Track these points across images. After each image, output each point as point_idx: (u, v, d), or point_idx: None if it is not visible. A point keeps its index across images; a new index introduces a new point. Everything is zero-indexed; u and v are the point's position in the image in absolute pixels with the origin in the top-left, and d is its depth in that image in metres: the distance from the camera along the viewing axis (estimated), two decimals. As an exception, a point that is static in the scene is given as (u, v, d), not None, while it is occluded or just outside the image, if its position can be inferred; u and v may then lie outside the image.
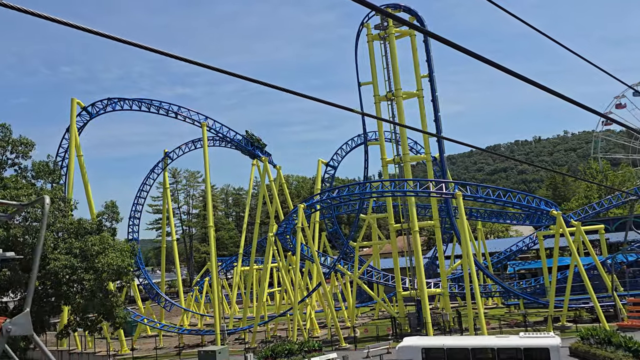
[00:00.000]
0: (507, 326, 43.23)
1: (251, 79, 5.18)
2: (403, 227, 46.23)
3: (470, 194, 39.61)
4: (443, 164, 46.72)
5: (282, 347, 36.31)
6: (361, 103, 49.67)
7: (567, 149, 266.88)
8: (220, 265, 71.99)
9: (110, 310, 29.27)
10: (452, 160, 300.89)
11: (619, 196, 55.70)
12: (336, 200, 43.03)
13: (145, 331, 57.82)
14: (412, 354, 27.52)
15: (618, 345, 30.68)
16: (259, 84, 5.34)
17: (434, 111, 47.14)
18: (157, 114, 50.72)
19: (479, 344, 27.48)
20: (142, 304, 61.18)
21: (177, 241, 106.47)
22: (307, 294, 46.62)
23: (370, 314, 58.90)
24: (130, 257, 29.50)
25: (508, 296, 48.88)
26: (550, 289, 44.18)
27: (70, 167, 48.01)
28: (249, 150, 54.40)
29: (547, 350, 25.58)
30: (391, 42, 47.73)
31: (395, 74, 47.21)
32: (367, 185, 42.43)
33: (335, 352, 37.63)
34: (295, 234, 45.44)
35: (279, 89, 5.37)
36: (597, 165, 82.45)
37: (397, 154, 46.90)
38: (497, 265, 58.54)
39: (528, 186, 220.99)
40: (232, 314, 58.60)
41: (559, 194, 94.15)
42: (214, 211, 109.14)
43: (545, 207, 39.74)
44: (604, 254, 50.98)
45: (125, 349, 48.37)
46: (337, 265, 47.70)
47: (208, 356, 38.74)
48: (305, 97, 5.67)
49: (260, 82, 5.28)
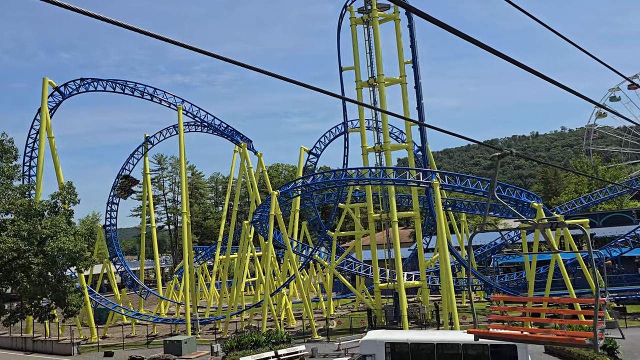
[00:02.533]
0: (485, 320, 41.97)
1: (245, 64, 5.04)
2: (382, 217, 44.86)
3: (448, 184, 38.18)
4: (425, 152, 45.30)
5: (249, 338, 35.06)
6: (342, 88, 48.22)
7: (564, 145, 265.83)
8: (201, 253, 70.69)
9: (63, 297, 27.85)
10: (449, 154, 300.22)
11: (607, 191, 54.36)
12: (311, 188, 41.57)
13: (121, 319, 56.60)
14: (375, 348, 26.23)
15: (593, 342, 29.49)
16: (252, 69, 5.16)
17: (417, 98, 45.68)
18: (132, 95, 49.12)
19: (445, 339, 26.17)
20: (119, 292, 59.86)
21: (162, 229, 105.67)
22: (281, 285, 45.31)
23: (351, 306, 57.68)
24: (84, 242, 28.01)
25: (490, 290, 47.68)
26: (536, 283, 43.01)
27: (41, 148, 46.41)
28: (229, 135, 52.89)
29: (515, 347, 24.29)
30: (374, 26, 46.13)
31: (378, 59, 45.67)
32: (343, 172, 40.97)
33: (304, 345, 36.39)
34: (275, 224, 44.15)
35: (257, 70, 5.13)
36: (587, 160, 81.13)
37: (378, 142, 45.44)
38: (482, 259, 57.26)
39: (524, 181, 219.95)
40: (209, 303, 57.37)
41: (550, 188, 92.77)
42: (202, 199, 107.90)
43: (525, 199, 38.34)
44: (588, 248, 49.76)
45: (95, 337, 47.12)
46: (315, 256, 46.37)
47: (174, 346, 37.53)
48: (279, 77, 5.31)
49: (252, 67, 5.12)
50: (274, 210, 39.94)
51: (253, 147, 55.31)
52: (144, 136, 60.81)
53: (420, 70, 46.07)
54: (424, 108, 45.40)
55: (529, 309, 15.16)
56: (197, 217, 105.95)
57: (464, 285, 50.55)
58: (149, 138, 60.38)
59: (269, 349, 34.43)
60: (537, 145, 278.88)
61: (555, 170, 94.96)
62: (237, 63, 4.95)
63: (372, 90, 46.45)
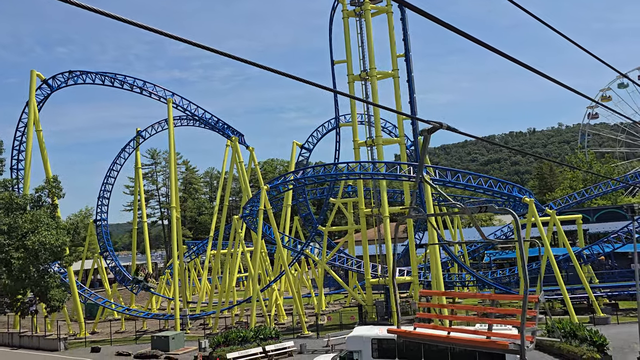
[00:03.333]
0: (476, 316, 41.66)
1: (242, 59, 4.93)
2: (374, 212, 44.43)
3: (439, 178, 37.75)
4: (417, 147, 44.79)
5: (236, 334, 34.68)
6: (334, 82, 47.70)
7: (561, 141, 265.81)
8: (193, 248, 70.26)
9: (45, 292, 27.37)
10: (447, 150, 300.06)
11: (601, 186, 54.02)
12: (301, 182, 41.10)
13: (112, 315, 56.18)
14: (362, 344, 25.88)
15: (583, 339, 29.23)
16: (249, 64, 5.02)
17: (409, 92, 45.15)
18: (122, 88, 48.53)
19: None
20: (110, 287, 59.40)
21: (155, 224, 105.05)
22: (272, 281, 44.91)
23: (343, 301, 57.35)
24: (66, 236, 27.49)
25: (482, 286, 47.38)
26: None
27: (29, 142, 45.82)
28: (220, 129, 52.35)
29: (502, 343, 23.91)
30: (367, 19, 45.58)
31: (370, 53, 45.12)
32: (333, 166, 40.52)
33: (292, 341, 36.04)
34: (265, 218, 43.71)
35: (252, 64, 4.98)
36: (583, 155, 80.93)
37: (370, 136, 44.97)
38: (475, 255, 56.95)
39: (521, 177, 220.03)
40: (201, 298, 56.96)
41: (545, 184, 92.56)
42: (196, 195, 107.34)
43: (517, 194, 37.95)
44: (581, 244, 49.45)
45: (84, 333, 46.68)
46: (306, 251, 45.96)
47: (161, 342, 37.14)
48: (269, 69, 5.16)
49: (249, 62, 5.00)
50: (264, 204, 39.47)
51: (245, 141, 54.77)
52: (135, 130, 60.39)
53: (412, 64, 45.53)
54: (416, 102, 44.89)
55: (453, 305, 13.74)
56: (191, 212, 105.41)
57: (456, 281, 50.29)
58: (141, 132, 59.85)
59: (257, 345, 34.08)
60: (534, 142, 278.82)
61: (550, 166, 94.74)
62: (234, 57, 4.88)
63: (364, 84, 45.91)
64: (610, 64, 9.29)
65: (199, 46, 4.61)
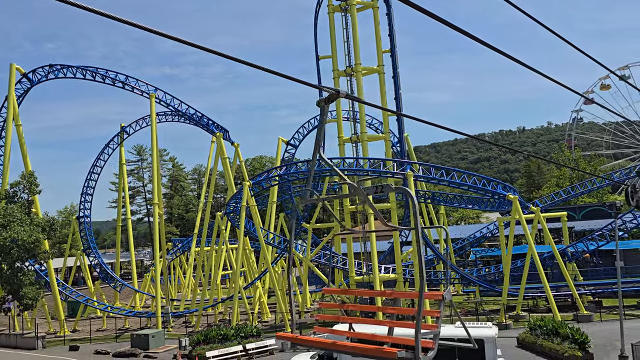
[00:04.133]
0: (460, 314, 41.46)
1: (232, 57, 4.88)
2: (358, 209, 44.04)
3: (423, 175, 37.44)
4: (402, 143, 44.48)
5: (216, 332, 34.17)
6: (319, 77, 47.22)
7: (550, 140, 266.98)
8: (178, 245, 69.60)
9: (17, 289, 26.71)
10: (437, 148, 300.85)
11: (587, 184, 54.04)
12: (284, 178, 40.63)
13: (95, 313, 55.46)
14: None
15: (565, 336, 29.04)
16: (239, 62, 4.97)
17: (395, 88, 44.83)
18: (103, 83, 47.78)
19: (412, 333, 25.40)
20: (93, 285, 58.63)
21: (141, 221, 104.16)
22: (255, 279, 44.44)
23: (327, 299, 56.96)
24: (40, 233, 26.83)
25: (468, 283, 47.24)
26: (514, 276, 42.54)
27: (8, 137, 44.92)
28: (204, 125, 51.72)
29: (482, 341, 23.59)
30: (352, 14, 45.11)
31: (356, 48, 44.69)
32: (316, 163, 40.02)
33: (274, 339, 35.57)
34: (248, 215, 43.22)
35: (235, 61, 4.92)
36: (569, 153, 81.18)
37: (355, 132, 44.55)
38: (460, 252, 56.79)
39: (510, 175, 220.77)
40: (186, 296, 56.38)
41: (533, 182, 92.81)
42: (183, 192, 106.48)
43: (501, 191, 37.73)
44: (566, 242, 49.41)
45: (65, 331, 45.97)
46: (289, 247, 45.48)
47: (141, 340, 36.55)
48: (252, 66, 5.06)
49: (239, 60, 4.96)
50: (246, 201, 38.97)
51: (230, 137, 54.18)
52: (119, 126, 59.62)
53: (398, 60, 45.18)
54: (401, 98, 44.56)
55: (352, 306, 11.95)
56: (179, 210, 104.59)
57: (441, 279, 50.06)
58: (125, 128, 59.11)
59: (237, 343, 33.61)
60: (524, 140, 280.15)
61: (538, 164, 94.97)
62: (223, 55, 4.79)
63: (349, 79, 45.47)
64: (600, 62, 9.32)
65: (187, 43, 4.59)
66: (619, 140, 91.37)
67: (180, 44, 4.58)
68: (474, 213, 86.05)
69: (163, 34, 4.42)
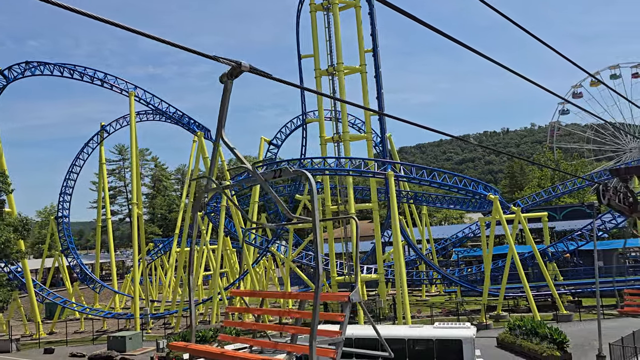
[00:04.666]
0: (441, 314, 41.48)
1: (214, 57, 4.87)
2: (340, 209, 43.82)
3: (404, 175, 37.31)
4: (384, 143, 44.36)
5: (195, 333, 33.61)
6: (301, 77, 47.02)
7: (534, 141, 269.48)
8: (159, 246, 68.78)
9: (-13, 291, 25.99)
10: (422, 149, 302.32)
11: (567, 184, 54.42)
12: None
13: (73, 315, 54.49)
14: (319, 343, 25.17)
15: (544, 336, 29.07)
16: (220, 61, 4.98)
17: (377, 88, 44.74)
18: (81, 80, 46.91)
19: (391, 334, 25.25)
20: (71, 286, 57.62)
21: (122, 221, 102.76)
22: (236, 279, 43.97)
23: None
24: (12, 233, 26.14)
25: (449, 284, 47.27)
26: (495, 276, 42.62)
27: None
28: (184, 123, 51.11)
29: (460, 341, 23.53)
30: (334, 13, 44.89)
31: (338, 48, 44.44)
32: (297, 162, 39.76)
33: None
34: (226, 214, 42.77)
35: None
36: (551, 154, 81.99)
37: (337, 132, 44.31)
38: (443, 252, 56.86)
39: (494, 176, 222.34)
40: (165, 297, 55.69)
41: (516, 182, 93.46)
42: (166, 192, 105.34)
43: (482, 191, 37.75)
44: (546, 242, 49.69)
45: (41, 333, 45.05)
46: (271, 248, 45.13)
47: (117, 342, 35.90)
48: None
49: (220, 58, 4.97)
50: (225, 201, 38.50)
51: (211, 137, 53.55)
52: (99, 125, 58.71)
53: (380, 60, 45.14)
54: (383, 98, 44.52)
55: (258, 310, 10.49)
56: (161, 210, 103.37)
57: (423, 279, 50.07)
58: (105, 127, 58.17)
59: (216, 345, 33.10)
60: (507, 142, 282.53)
61: (521, 165, 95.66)
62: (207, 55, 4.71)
63: (331, 79, 45.22)
64: (579, 65, 9.40)
65: (172, 44, 4.48)
66: (600, 145, 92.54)
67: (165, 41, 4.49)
68: (457, 213, 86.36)
69: (145, 34, 4.30)
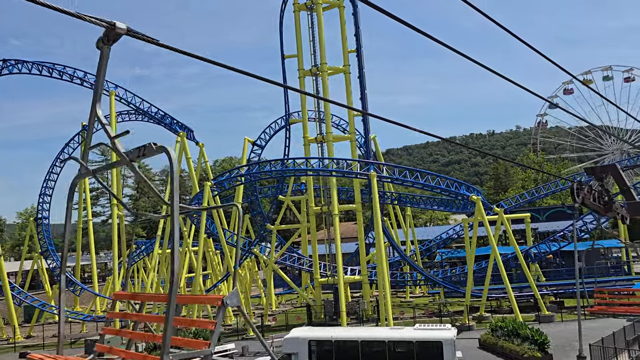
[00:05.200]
0: (424, 316, 41.32)
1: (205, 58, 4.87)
2: (323, 210, 43.53)
3: (386, 175, 37.11)
4: (367, 144, 44.18)
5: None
6: (284, 77, 46.65)
7: (519, 144, 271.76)
8: (141, 248, 67.82)
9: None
10: (409, 151, 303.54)
11: (550, 186, 54.67)
12: (247, 178, 39.81)
13: (53, 318, 53.49)
14: (298, 346, 24.83)
15: (525, 337, 28.97)
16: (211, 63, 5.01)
17: (361, 89, 44.57)
18: (60, 79, 46.12)
19: (370, 336, 24.99)
20: (51, 288, 56.56)
21: (105, 223, 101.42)
22: (218, 281, 43.45)
23: (295, 302, 56.30)
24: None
25: (433, 285, 47.14)
26: (479, 277, 42.54)
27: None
28: (166, 124, 50.48)
29: (440, 343, 23.31)
30: (318, 13, 44.68)
31: (322, 47, 44.23)
32: (279, 162, 39.40)
33: (234, 343, 34.72)
34: (209, 215, 42.27)
35: None
36: (534, 156, 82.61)
37: (320, 132, 44.04)
38: (427, 253, 56.77)
39: (480, 178, 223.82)
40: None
41: (500, 184, 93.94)
42: (150, 193, 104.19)
43: (465, 192, 37.68)
44: (529, 242, 49.83)
45: (18, 337, 44.14)
46: (254, 250, 44.68)
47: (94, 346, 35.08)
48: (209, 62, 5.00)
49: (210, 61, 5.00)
50: (207, 202, 38.01)
51: (194, 137, 53.04)
52: (81, 124, 57.86)
53: (364, 60, 44.98)
54: (367, 98, 44.35)
55: (139, 316, 9.78)
56: (146, 211, 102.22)
57: (407, 280, 49.89)
58: (86, 127, 57.25)
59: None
60: (493, 144, 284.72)
61: (505, 167, 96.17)
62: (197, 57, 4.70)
63: (314, 79, 44.98)
64: (563, 67, 9.38)
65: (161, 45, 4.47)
66: (583, 144, 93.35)
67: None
68: (442, 215, 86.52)
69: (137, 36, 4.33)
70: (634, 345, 27.30)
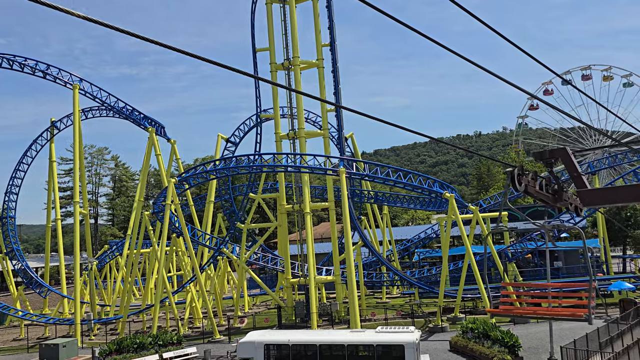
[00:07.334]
0: (397, 317, 40.05)
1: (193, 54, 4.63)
2: (295, 208, 42.17)
3: (356, 172, 35.83)
4: (341, 140, 42.93)
5: (131, 340, 31.49)
6: (256, 70, 45.19)
7: (505, 144, 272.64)
8: (113, 248, 65.90)
9: None
10: (396, 151, 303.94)
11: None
12: (213, 175, 38.29)
13: (18, 321, 51.50)
14: (254, 350, 23.44)
15: (495, 339, 27.82)
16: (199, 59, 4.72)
17: (334, 83, 43.35)
18: (22, 72, 44.26)
19: (329, 339, 23.62)
20: (16, 290, 54.51)
21: (80, 223, 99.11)
22: (185, 283, 41.86)
23: (269, 303, 54.80)
24: None
25: (409, 285, 45.94)
26: (456, 277, 41.44)
27: None
28: (135, 119, 48.76)
29: (402, 346, 22.04)
30: (291, 6, 43.27)
31: (294, 41, 42.85)
32: (245, 158, 37.97)
33: (196, 346, 33.19)
34: (175, 213, 40.67)
35: None
36: (515, 155, 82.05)
37: (292, 128, 42.68)
38: (405, 253, 55.62)
39: (466, 178, 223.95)
40: (114, 301, 53.10)
41: (483, 183, 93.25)
42: (127, 192, 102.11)
43: (438, 189, 36.49)
44: (506, 242, 48.86)
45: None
46: (223, 249, 43.14)
47: (50, 350, 33.45)
48: None
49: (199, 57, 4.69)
50: (171, 199, 36.47)
51: (165, 134, 51.31)
52: (50, 120, 55.86)
53: (338, 54, 43.77)
54: (341, 93, 43.12)
55: None
56: (123, 211, 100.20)
57: (384, 280, 48.66)
58: (55, 123, 55.33)
59: (154, 352, 31.07)
60: (480, 145, 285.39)
61: (488, 166, 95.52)
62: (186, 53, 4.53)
63: (287, 73, 43.61)
64: (548, 66, 8.89)
65: (149, 40, 4.35)
66: (564, 145, 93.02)
67: (140, 41, 4.44)
68: (424, 214, 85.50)
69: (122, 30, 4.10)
70: (607, 348, 26.23)
